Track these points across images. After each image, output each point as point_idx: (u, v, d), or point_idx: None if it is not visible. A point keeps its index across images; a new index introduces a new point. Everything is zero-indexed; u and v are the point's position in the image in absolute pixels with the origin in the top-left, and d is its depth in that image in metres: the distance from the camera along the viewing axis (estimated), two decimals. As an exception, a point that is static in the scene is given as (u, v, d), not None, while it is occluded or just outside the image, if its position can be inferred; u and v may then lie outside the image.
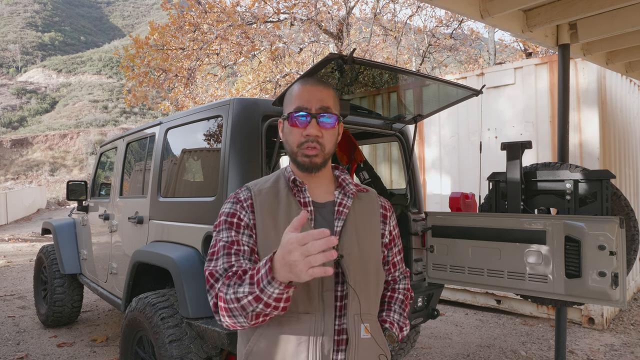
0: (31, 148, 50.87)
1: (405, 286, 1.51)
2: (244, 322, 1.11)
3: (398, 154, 5.75)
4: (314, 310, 1.21)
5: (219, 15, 10.59)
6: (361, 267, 1.29)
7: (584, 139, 4.71)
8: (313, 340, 1.20)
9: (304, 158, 1.28)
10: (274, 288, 1.01)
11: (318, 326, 1.21)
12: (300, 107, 1.28)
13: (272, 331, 1.22)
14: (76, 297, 4.84)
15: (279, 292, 1.02)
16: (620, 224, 2.21)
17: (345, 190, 1.35)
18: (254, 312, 1.06)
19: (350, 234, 1.29)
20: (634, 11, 3.17)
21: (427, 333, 4.71)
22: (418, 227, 3.11)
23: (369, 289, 1.31)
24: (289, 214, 1.27)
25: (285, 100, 1.36)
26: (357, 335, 1.24)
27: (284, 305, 1.06)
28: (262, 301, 1.04)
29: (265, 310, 1.05)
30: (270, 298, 1.03)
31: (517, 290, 2.58)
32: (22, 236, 14.78)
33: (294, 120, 1.28)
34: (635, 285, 5.68)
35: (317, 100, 1.28)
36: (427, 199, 5.99)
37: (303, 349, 1.19)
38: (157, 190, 3.18)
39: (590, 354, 4.05)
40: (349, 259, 1.26)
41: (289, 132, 1.30)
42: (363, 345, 1.25)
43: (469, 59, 18.52)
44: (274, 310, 1.06)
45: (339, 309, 1.25)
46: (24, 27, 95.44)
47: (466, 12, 3.10)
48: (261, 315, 1.08)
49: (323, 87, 1.32)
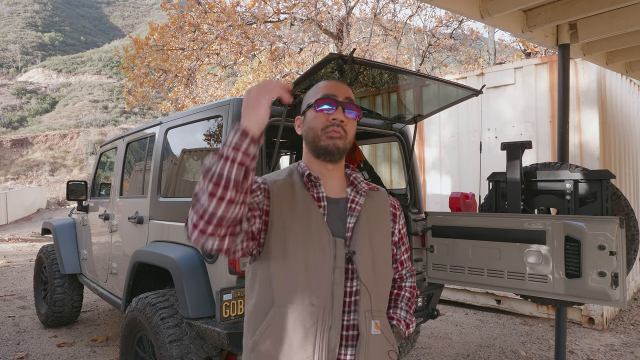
0: (31, 148, 50.86)
1: (412, 284, 1.54)
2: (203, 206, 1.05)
3: (398, 154, 5.74)
4: (322, 303, 1.22)
5: (219, 15, 10.59)
6: (372, 264, 1.31)
7: (584, 139, 4.71)
8: (320, 333, 1.21)
9: (327, 141, 1.29)
10: (234, 134, 1.05)
11: (326, 319, 1.22)
12: (327, 95, 1.31)
13: (279, 323, 1.22)
14: (76, 297, 4.84)
15: (238, 138, 1.04)
16: (620, 224, 2.22)
17: (358, 188, 1.37)
18: (214, 174, 1.03)
19: (362, 231, 1.31)
20: (634, 11, 3.17)
21: (427, 333, 4.70)
22: (418, 227, 3.11)
23: (378, 286, 1.33)
24: (305, 206, 1.28)
25: (306, 98, 1.38)
26: (367, 331, 1.26)
27: (241, 158, 1.03)
28: (223, 155, 1.04)
29: (224, 167, 1.03)
30: (229, 147, 1.04)
31: (517, 290, 2.58)
32: (22, 236, 14.77)
33: (321, 106, 1.30)
34: (635, 285, 5.68)
35: (343, 91, 1.34)
36: (427, 199, 5.99)
37: (310, 341, 1.20)
38: (157, 190, 3.18)
39: (590, 354, 4.05)
40: (360, 256, 1.28)
41: (314, 118, 1.31)
42: (373, 341, 1.27)
43: (469, 59, 18.51)
44: (232, 165, 1.03)
45: (348, 304, 1.27)
46: (24, 27, 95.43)
47: (466, 12, 3.10)
48: (221, 180, 1.03)
49: (347, 85, 1.38)
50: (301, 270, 1.23)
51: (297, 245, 1.24)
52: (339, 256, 1.25)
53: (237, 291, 2.33)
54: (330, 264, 1.24)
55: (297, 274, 1.23)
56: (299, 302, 1.22)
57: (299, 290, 1.22)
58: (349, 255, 1.26)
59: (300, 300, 1.22)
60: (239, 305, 2.34)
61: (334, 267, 1.24)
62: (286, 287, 1.24)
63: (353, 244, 1.28)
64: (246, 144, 1.04)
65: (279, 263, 1.25)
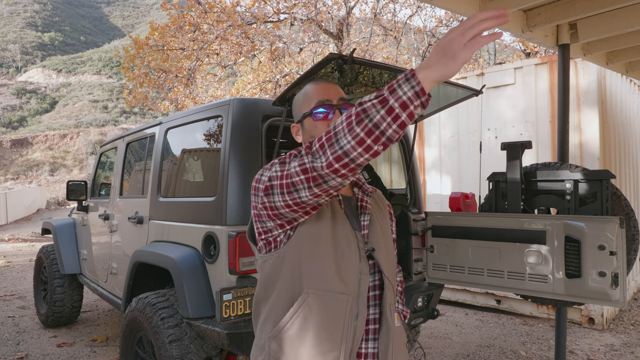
0: (31, 148, 50.85)
1: (400, 278, 1.63)
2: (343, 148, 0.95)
3: (398, 154, 5.74)
4: (350, 292, 1.22)
5: (219, 15, 10.59)
6: (388, 260, 1.34)
7: (584, 139, 4.71)
8: (348, 321, 1.21)
9: None
10: (409, 86, 0.88)
11: (353, 308, 1.22)
12: (322, 101, 1.31)
13: (308, 310, 1.19)
14: (76, 297, 4.84)
15: (412, 92, 0.88)
16: (620, 224, 2.21)
17: (363, 188, 1.40)
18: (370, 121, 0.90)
19: (375, 229, 1.34)
20: (634, 11, 3.17)
21: (427, 333, 4.70)
22: (418, 227, 3.11)
23: (394, 281, 1.37)
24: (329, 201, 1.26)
25: (298, 104, 1.38)
26: (393, 323, 1.29)
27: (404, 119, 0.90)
28: (387, 104, 0.89)
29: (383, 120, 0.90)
30: (399, 100, 0.89)
31: (517, 291, 2.58)
32: (22, 236, 14.77)
33: (318, 115, 1.30)
34: (635, 285, 5.68)
35: (335, 93, 1.33)
36: (427, 199, 5.99)
37: (338, 329, 1.20)
38: (157, 190, 3.18)
39: (590, 354, 4.05)
40: (379, 252, 1.30)
41: (314, 127, 1.31)
42: (397, 333, 1.31)
43: (468, 59, 18.49)
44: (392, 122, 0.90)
45: (372, 298, 1.29)
46: (24, 27, 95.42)
47: (466, 12, 3.10)
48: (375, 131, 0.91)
49: (335, 84, 1.37)
50: (331, 257, 1.22)
51: (327, 232, 1.23)
52: (361, 248, 1.28)
53: (237, 291, 2.33)
54: (357, 253, 1.26)
55: (328, 261, 1.21)
56: (329, 289, 1.20)
57: (329, 278, 1.21)
58: (369, 251, 1.28)
59: (330, 287, 1.20)
60: (239, 305, 2.34)
61: (360, 257, 1.26)
62: (316, 274, 1.21)
63: (371, 241, 1.30)
64: (416, 104, 0.90)
65: (307, 250, 1.22)
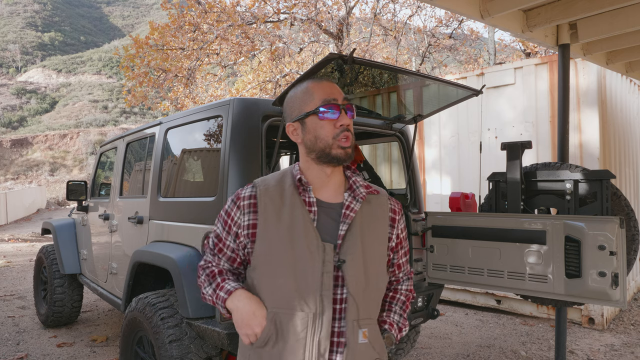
0: (31, 148, 50.83)
1: (408, 287, 1.52)
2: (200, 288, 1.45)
3: (398, 154, 5.74)
4: (312, 308, 1.23)
5: (219, 15, 10.59)
6: (364, 272, 1.29)
7: (584, 139, 4.71)
8: (310, 338, 1.22)
9: (339, 150, 1.28)
10: (221, 308, 1.35)
11: (316, 325, 1.22)
12: (328, 100, 1.29)
13: (272, 327, 1.25)
14: (76, 297, 4.83)
15: (225, 311, 1.35)
16: (620, 224, 2.21)
17: (355, 193, 1.34)
18: (203, 290, 1.42)
19: (354, 238, 1.29)
20: (634, 11, 3.17)
21: (427, 333, 4.70)
22: (418, 227, 3.11)
23: (369, 294, 1.32)
24: (292, 213, 1.28)
25: (297, 102, 1.34)
26: (355, 340, 1.26)
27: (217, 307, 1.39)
28: (207, 295, 1.40)
29: (206, 299, 1.41)
30: (212, 298, 1.38)
31: (517, 290, 2.58)
32: (22, 236, 14.77)
33: (325, 113, 1.28)
34: (635, 285, 5.68)
35: (338, 92, 1.32)
36: (427, 199, 5.99)
37: (300, 346, 1.22)
38: (157, 190, 3.18)
39: (590, 354, 4.05)
40: (351, 265, 1.27)
41: (319, 127, 1.29)
42: (360, 349, 1.27)
43: (468, 59, 18.51)
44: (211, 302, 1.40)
45: (338, 311, 1.26)
46: (24, 27, 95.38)
47: (466, 12, 3.10)
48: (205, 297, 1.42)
49: (335, 83, 1.36)
50: (289, 275, 1.24)
51: (284, 250, 1.25)
52: (328, 261, 1.24)
53: (237, 291, 2.32)
54: (319, 268, 1.24)
55: (285, 279, 1.24)
56: (289, 307, 1.23)
57: (288, 296, 1.24)
58: (338, 263, 1.25)
59: (290, 305, 1.23)
60: (239, 305, 2.33)
61: (323, 272, 1.24)
62: (275, 293, 1.26)
63: (343, 252, 1.26)
64: (221, 309, 1.36)
65: (266, 269, 1.27)
